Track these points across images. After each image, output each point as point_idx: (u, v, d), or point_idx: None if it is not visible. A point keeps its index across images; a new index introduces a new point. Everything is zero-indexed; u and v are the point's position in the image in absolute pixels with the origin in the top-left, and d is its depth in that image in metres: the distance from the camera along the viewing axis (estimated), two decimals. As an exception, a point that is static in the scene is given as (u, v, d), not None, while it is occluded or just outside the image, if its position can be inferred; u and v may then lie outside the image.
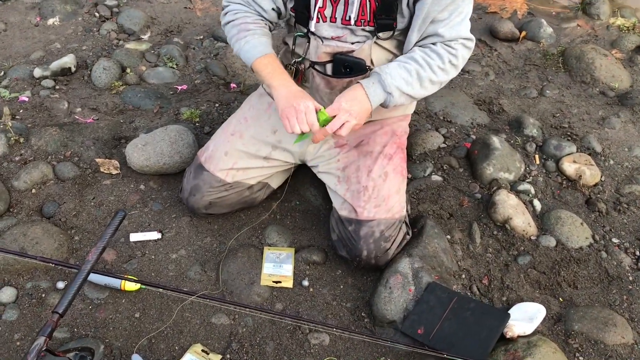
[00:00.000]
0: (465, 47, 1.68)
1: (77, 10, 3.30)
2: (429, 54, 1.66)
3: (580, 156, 2.40)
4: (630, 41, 3.10)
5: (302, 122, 1.61)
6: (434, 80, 1.68)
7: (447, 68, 1.67)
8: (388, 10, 1.67)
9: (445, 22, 1.63)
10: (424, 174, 2.33)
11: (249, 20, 1.80)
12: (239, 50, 1.79)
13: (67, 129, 2.43)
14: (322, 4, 1.70)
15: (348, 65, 1.78)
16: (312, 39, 1.79)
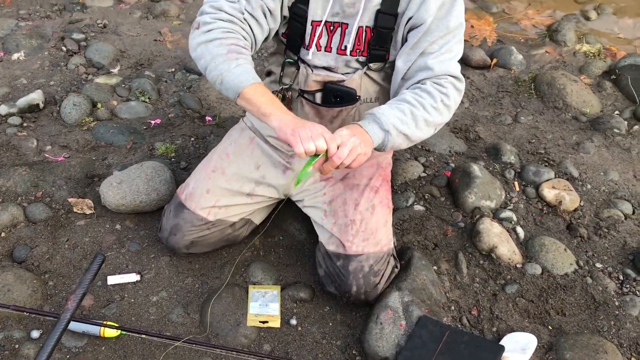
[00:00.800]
0: (456, 88, 1.65)
1: (43, 45, 3.22)
2: (419, 94, 1.61)
3: (559, 182, 2.42)
4: (597, 67, 3.17)
5: (317, 137, 1.43)
6: (429, 121, 1.61)
7: (440, 108, 1.62)
8: (382, 41, 1.68)
9: (435, 55, 1.62)
10: (407, 204, 2.32)
11: (242, 44, 1.59)
12: (226, 72, 1.53)
13: (37, 168, 2.34)
14: (318, 32, 1.68)
15: (338, 94, 1.76)
16: (302, 67, 1.77)
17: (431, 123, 1.62)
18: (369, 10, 1.63)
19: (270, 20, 1.65)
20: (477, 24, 3.54)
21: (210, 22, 1.57)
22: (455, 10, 1.61)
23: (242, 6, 1.59)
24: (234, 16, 1.58)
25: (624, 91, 3.00)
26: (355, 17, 1.64)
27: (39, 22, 3.42)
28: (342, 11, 1.65)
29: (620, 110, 2.91)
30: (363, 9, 1.62)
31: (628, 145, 2.68)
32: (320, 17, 1.66)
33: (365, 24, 1.66)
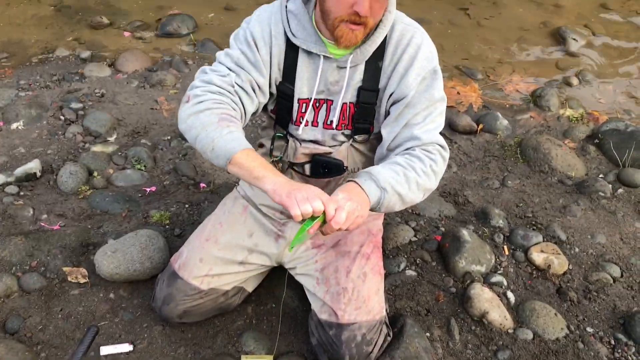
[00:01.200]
0: (442, 156, 1.69)
1: (41, 114, 3.30)
2: (409, 158, 1.65)
3: (547, 245, 2.46)
4: (580, 131, 3.27)
5: (314, 198, 1.43)
6: (420, 184, 1.63)
7: (429, 173, 1.65)
8: (366, 115, 1.76)
9: (420, 126, 1.67)
10: (399, 269, 2.34)
11: (232, 114, 1.62)
12: (217, 138, 1.53)
13: (32, 237, 2.36)
14: (304, 109, 1.76)
15: (326, 166, 1.83)
16: (291, 140, 1.84)
17: (421, 186, 1.64)
18: (352, 87, 1.72)
19: (259, 94, 1.73)
20: (463, 90, 3.66)
21: (200, 95, 1.61)
22: (436, 84, 1.69)
23: (232, 79, 1.66)
24: (224, 88, 1.64)
25: (607, 155, 3.09)
26: (339, 94, 1.73)
27: (39, 91, 3.52)
28: (326, 89, 1.74)
29: (604, 173, 2.98)
30: (346, 86, 1.71)
31: (613, 208, 2.74)
32: (306, 95, 1.75)
33: (348, 100, 1.74)
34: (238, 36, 1.73)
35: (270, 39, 1.70)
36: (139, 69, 3.82)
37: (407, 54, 1.66)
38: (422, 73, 1.66)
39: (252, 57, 1.68)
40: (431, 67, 1.68)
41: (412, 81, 1.66)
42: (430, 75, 1.68)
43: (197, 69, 3.78)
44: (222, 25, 4.40)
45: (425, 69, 1.67)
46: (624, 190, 2.85)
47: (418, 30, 1.70)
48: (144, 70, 3.82)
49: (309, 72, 1.72)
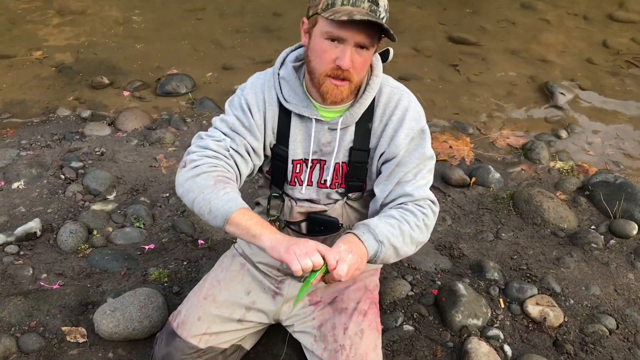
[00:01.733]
0: (433, 211, 1.76)
1: (42, 173, 3.36)
2: (403, 212, 1.71)
3: (542, 297, 2.48)
4: (571, 183, 3.34)
5: (313, 252, 1.47)
6: (413, 237, 1.69)
7: (422, 226, 1.71)
8: (358, 174, 1.83)
9: (411, 183, 1.74)
10: (396, 324, 2.36)
11: (228, 176, 1.68)
12: (214, 199, 1.58)
13: (32, 297, 2.38)
14: (299, 169, 1.84)
15: (322, 223, 1.89)
16: (287, 200, 1.91)
17: (415, 240, 1.70)
18: (343, 147, 1.80)
19: (254, 157, 1.81)
20: (455, 144, 3.75)
21: (197, 160, 1.67)
22: (425, 143, 1.78)
23: (227, 144, 1.74)
24: (219, 153, 1.71)
25: (598, 206, 3.15)
26: (332, 155, 1.80)
27: (40, 151, 3.59)
28: (319, 150, 1.81)
29: (596, 225, 3.03)
30: (338, 147, 1.79)
31: (606, 259, 2.77)
32: (300, 156, 1.83)
33: (341, 160, 1.82)
34: (233, 103, 1.83)
35: (263, 105, 1.79)
36: (139, 128, 3.90)
37: (395, 116, 1.75)
38: (411, 133, 1.75)
39: (247, 122, 1.77)
40: (419, 127, 1.76)
41: (401, 141, 1.74)
42: (419, 135, 1.77)
43: (195, 127, 3.90)
44: (220, 84, 4.52)
45: (413, 130, 1.75)
46: (616, 241, 2.89)
47: (405, 92, 1.79)
48: (143, 128, 3.91)
49: (302, 134, 1.80)
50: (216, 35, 5.27)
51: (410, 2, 5.85)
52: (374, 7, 1.56)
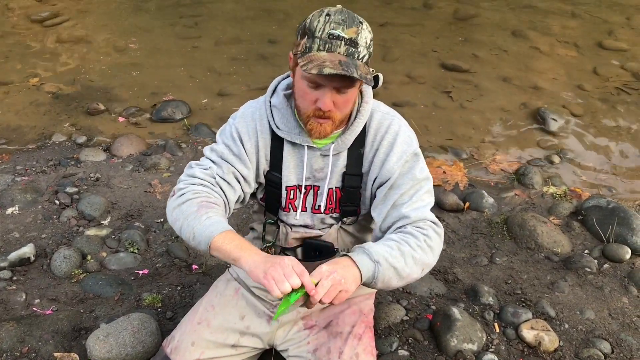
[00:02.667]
0: (435, 231, 1.72)
1: (36, 199, 3.36)
2: (402, 234, 1.69)
3: (537, 322, 2.48)
4: (564, 208, 3.36)
5: (290, 275, 1.48)
6: (416, 258, 1.64)
7: (424, 247, 1.67)
8: (352, 199, 1.85)
9: (407, 205, 1.73)
10: (391, 349, 2.35)
11: (212, 200, 1.71)
12: (196, 226, 1.62)
13: (24, 322, 2.36)
14: (292, 195, 1.85)
15: (317, 249, 1.90)
16: (282, 226, 1.92)
17: (418, 261, 1.65)
18: (336, 173, 1.81)
19: (244, 185, 1.82)
20: (448, 170, 3.78)
21: (183, 188, 1.73)
22: (418, 164, 1.78)
23: (214, 172, 1.77)
24: (205, 180, 1.76)
25: (592, 231, 3.17)
26: (325, 180, 1.82)
27: (35, 176, 3.59)
28: (312, 176, 1.83)
29: (589, 249, 3.05)
30: (330, 172, 1.80)
31: (600, 283, 2.78)
32: (293, 182, 1.84)
33: (334, 185, 1.83)
34: (224, 131, 1.85)
35: (255, 134, 1.81)
36: (134, 153, 3.92)
37: (386, 141, 1.77)
38: (404, 157, 1.76)
39: (236, 150, 1.79)
40: (411, 151, 1.77)
41: (393, 165, 1.75)
42: (412, 158, 1.78)
43: (190, 152, 3.92)
44: (216, 110, 4.56)
45: (405, 153, 1.76)
46: (610, 266, 2.90)
47: (395, 117, 1.82)
48: (138, 154, 3.92)
49: (295, 160, 1.82)
50: (212, 62, 5.33)
51: (403, 30, 5.94)
52: (351, 49, 1.55)
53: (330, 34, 1.53)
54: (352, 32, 1.54)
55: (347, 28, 1.54)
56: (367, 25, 1.59)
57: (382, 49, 5.47)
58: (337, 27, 1.54)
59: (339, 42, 1.53)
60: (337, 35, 1.53)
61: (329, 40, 1.54)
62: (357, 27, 1.55)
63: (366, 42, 1.57)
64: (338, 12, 1.57)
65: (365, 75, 1.55)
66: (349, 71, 1.51)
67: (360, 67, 1.55)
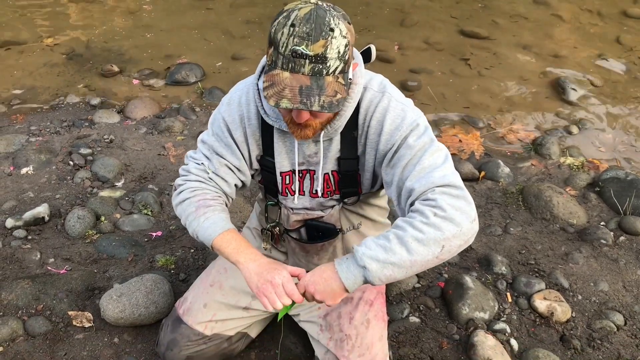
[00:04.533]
0: (448, 194, 1.46)
1: (51, 159, 3.37)
2: (409, 215, 1.50)
3: (550, 292, 2.47)
4: (581, 179, 3.31)
5: (281, 295, 1.53)
6: (422, 239, 1.41)
7: (436, 222, 1.42)
8: (350, 181, 1.77)
9: (410, 177, 1.54)
10: (402, 316, 2.35)
11: (209, 197, 1.73)
12: (197, 227, 1.68)
13: (39, 280, 2.39)
14: (288, 181, 1.79)
15: (320, 230, 1.86)
16: (283, 208, 1.88)
17: (429, 241, 1.42)
18: (330, 158, 1.72)
19: (238, 174, 1.80)
20: (464, 138, 3.73)
21: (181, 184, 1.78)
22: (413, 133, 1.58)
23: (207, 167, 1.76)
24: (199, 176, 1.76)
25: (608, 203, 3.12)
26: (319, 165, 1.73)
27: (49, 137, 3.59)
28: (306, 161, 1.74)
29: (605, 221, 3.01)
30: (324, 158, 1.71)
31: (615, 256, 2.75)
32: (287, 167, 1.77)
33: (330, 169, 1.74)
34: (214, 120, 1.79)
35: (242, 122, 1.73)
36: (148, 116, 3.90)
37: (375, 120, 1.62)
38: (396, 132, 1.59)
39: (226, 141, 1.74)
40: (404, 123, 1.59)
41: (386, 142, 1.61)
42: (405, 129, 1.58)
43: (204, 116, 3.89)
44: (229, 73, 4.51)
45: (398, 128, 1.59)
46: (626, 238, 2.86)
47: (386, 92, 1.63)
48: (152, 117, 3.90)
49: (287, 146, 1.74)
50: (226, 25, 5.26)
51: (422, -5, 5.81)
52: (318, 66, 1.39)
53: (293, 51, 1.37)
54: (318, 47, 1.37)
55: (312, 43, 1.37)
56: (341, 30, 1.40)
57: (400, 14, 5.36)
58: (301, 42, 1.37)
59: (303, 60, 1.38)
60: (300, 53, 1.37)
61: (292, 58, 1.39)
62: (325, 40, 1.37)
63: (339, 52, 1.40)
64: (304, 21, 1.37)
65: (331, 101, 1.41)
66: (308, 104, 1.39)
67: (329, 85, 1.41)
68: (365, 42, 1.77)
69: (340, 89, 1.44)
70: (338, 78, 1.44)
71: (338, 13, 1.43)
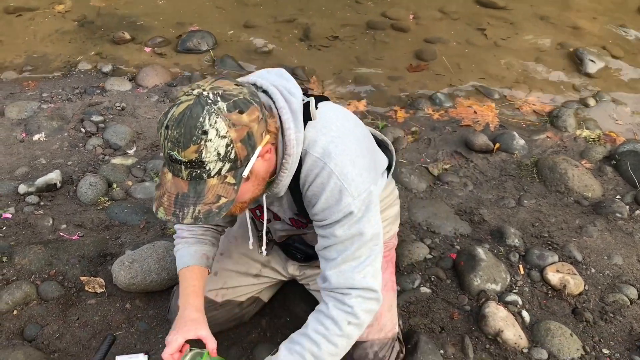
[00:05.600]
0: (363, 297, 1.50)
1: (63, 126, 3.36)
2: (323, 322, 1.52)
3: (563, 265, 2.45)
4: (597, 152, 3.26)
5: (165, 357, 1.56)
6: (336, 353, 1.52)
7: (349, 332, 1.51)
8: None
9: (333, 264, 1.51)
10: (413, 286, 2.34)
11: (185, 228, 1.83)
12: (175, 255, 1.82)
13: (52, 246, 2.40)
14: (259, 212, 1.72)
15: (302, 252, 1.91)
16: (268, 224, 1.82)
17: (342, 351, 1.54)
18: (287, 208, 1.66)
19: None
20: (479, 110, 3.67)
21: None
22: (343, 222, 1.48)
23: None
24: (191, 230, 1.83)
25: (625, 176, 3.07)
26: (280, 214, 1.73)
27: (61, 104, 3.59)
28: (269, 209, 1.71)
29: (621, 195, 2.96)
30: (280, 210, 1.69)
31: (630, 229, 2.71)
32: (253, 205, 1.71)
33: (291, 216, 1.69)
34: None
35: None
36: (159, 84, 3.88)
37: (311, 192, 1.49)
38: (330, 215, 1.48)
39: None
40: (340, 209, 1.47)
41: (318, 215, 1.51)
42: (340, 215, 1.48)
43: (216, 85, 3.85)
44: (241, 42, 4.45)
45: (332, 212, 1.48)
46: (642, 212, 2.83)
47: (326, 167, 1.45)
48: (163, 85, 3.88)
49: None
50: (239, -8, 5.19)
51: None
52: (195, 171, 1.28)
53: (169, 155, 1.27)
54: (190, 152, 1.25)
55: (182, 149, 1.24)
56: (218, 130, 1.24)
57: None
58: (174, 147, 1.25)
59: (179, 165, 1.28)
60: (175, 158, 1.27)
61: (170, 162, 1.30)
62: (197, 145, 1.24)
63: (219, 154, 1.26)
64: (176, 123, 1.24)
65: (209, 209, 1.30)
66: (180, 216, 1.30)
67: (211, 189, 1.30)
68: (379, 11, 1.71)
69: (226, 192, 1.31)
70: (226, 178, 1.31)
71: (223, 105, 1.26)
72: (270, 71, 1.55)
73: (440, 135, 3.43)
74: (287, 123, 1.41)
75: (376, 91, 3.93)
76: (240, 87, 1.33)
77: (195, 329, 1.60)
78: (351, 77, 4.08)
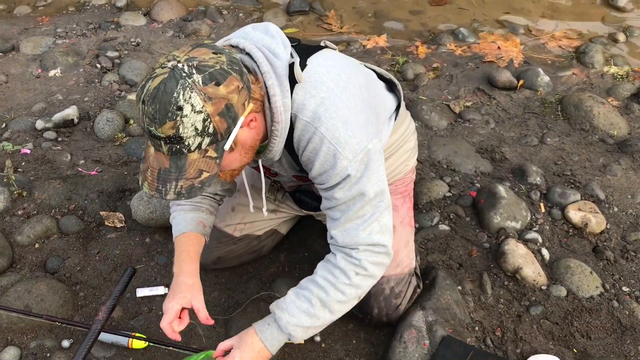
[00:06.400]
0: (370, 251, 1.49)
1: (78, 62, 3.32)
2: (332, 271, 1.51)
3: (585, 204, 2.40)
4: (625, 89, 3.16)
5: (167, 330, 1.57)
6: (344, 300, 1.51)
7: (358, 282, 1.50)
8: None
9: (337, 224, 1.50)
10: (431, 224, 2.33)
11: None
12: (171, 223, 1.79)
13: (70, 181, 2.41)
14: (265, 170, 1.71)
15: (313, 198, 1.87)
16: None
17: (350, 300, 1.53)
18: (288, 168, 1.62)
19: None
20: (503, 45, 3.55)
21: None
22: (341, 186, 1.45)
23: None
24: None
25: (653, 114, 2.98)
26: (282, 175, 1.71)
27: (75, 40, 3.54)
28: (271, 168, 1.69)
29: (648, 133, 2.89)
30: (281, 171, 1.67)
31: (656, 168, 2.65)
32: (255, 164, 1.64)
33: (296, 172, 1.65)
34: None
35: None
36: (174, 19, 3.80)
37: (305, 157, 1.46)
38: (327, 179, 1.45)
39: None
40: (336, 173, 1.43)
41: (316, 178, 1.49)
42: (337, 179, 1.44)
43: (231, 19, 3.78)
44: (258, -25, 4.32)
45: (329, 176, 1.44)
46: (669, 151, 2.75)
47: (318, 131, 1.40)
48: (178, 19, 3.80)
49: None
50: None
51: None
52: (175, 146, 1.25)
53: (148, 130, 1.25)
54: (167, 128, 1.21)
55: (159, 125, 1.21)
56: (193, 106, 1.20)
57: None
58: (151, 123, 1.22)
59: (159, 141, 1.25)
60: (153, 134, 1.24)
61: (150, 137, 1.27)
62: (173, 121, 1.20)
63: (196, 129, 1.23)
64: (151, 99, 1.20)
65: (192, 184, 1.29)
66: (163, 191, 1.30)
67: (192, 164, 1.28)
68: None
69: (208, 166, 1.30)
70: (207, 152, 1.28)
71: (198, 77, 1.20)
72: (256, 27, 1.48)
73: (463, 72, 3.34)
74: (273, 89, 1.36)
75: (397, 26, 3.81)
76: (218, 55, 1.26)
77: (191, 297, 1.60)
78: (371, 10, 3.95)
